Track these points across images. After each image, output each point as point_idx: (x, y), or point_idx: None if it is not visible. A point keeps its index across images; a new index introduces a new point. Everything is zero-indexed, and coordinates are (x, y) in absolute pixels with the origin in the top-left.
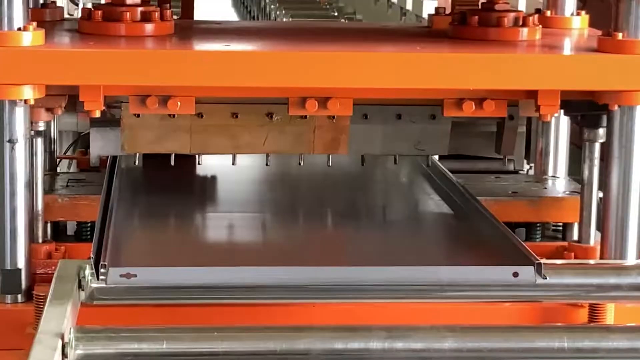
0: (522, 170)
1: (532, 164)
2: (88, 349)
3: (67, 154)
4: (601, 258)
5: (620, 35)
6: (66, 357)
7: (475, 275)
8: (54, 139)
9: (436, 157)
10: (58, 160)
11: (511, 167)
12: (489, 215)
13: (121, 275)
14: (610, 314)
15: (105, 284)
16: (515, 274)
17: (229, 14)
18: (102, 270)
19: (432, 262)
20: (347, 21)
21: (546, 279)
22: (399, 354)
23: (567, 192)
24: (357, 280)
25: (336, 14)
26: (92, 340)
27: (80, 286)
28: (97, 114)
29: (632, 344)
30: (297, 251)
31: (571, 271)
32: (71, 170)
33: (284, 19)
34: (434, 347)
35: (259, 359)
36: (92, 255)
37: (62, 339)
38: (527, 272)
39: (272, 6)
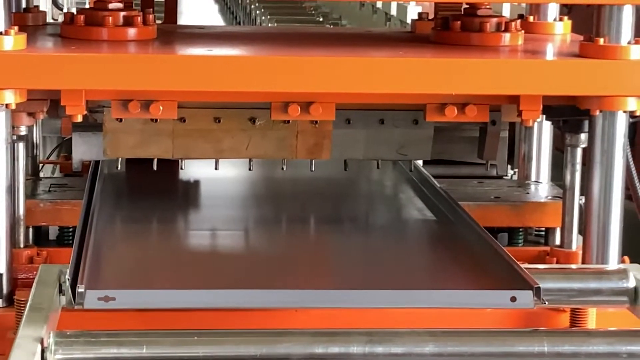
0: (507, 175)
1: (517, 169)
2: (67, 353)
3: (50, 158)
4: (583, 263)
5: (601, 41)
6: None
7: (470, 299)
8: (36, 143)
9: (420, 162)
10: (41, 165)
11: (494, 172)
12: (478, 227)
13: (99, 299)
14: (591, 319)
15: (83, 307)
16: (513, 299)
17: (215, 19)
18: (79, 298)
19: (423, 282)
20: (332, 26)
21: (546, 304)
22: (379, 359)
23: (550, 197)
24: (345, 305)
25: (321, 19)
26: (72, 344)
27: (61, 291)
28: (79, 119)
29: (612, 349)
30: (282, 270)
31: (553, 276)
32: (55, 175)
33: (269, 25)
34: (414, 351)
35: None
36: (68, 277)
37: (42, 343)
38: (524, 297)
39: (257, 12)
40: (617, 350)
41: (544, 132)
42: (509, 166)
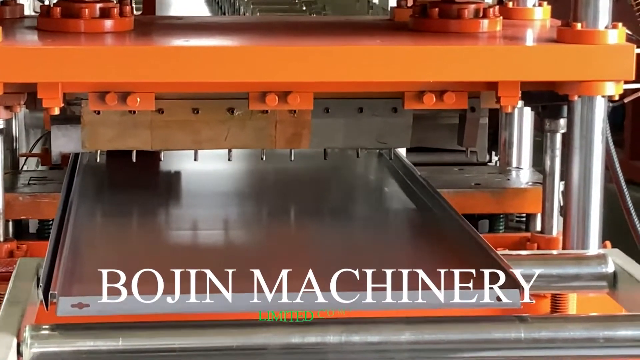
0: (491, 162)
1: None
2: (43, 347)
3: (32, 151)
4: (563, 248)
5: (579, 26)
6: (21, 355)
7: (454, 299)
8: (15, 136)
9: (403, 151)
10: (23, 158)
11: (474, 159)
12: (459, 218)
13: (72, 306)
14: (572, 304)
15: (56, 314)
16: (499, 299)
17: (201, 10)
18: (51, 302)
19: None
20: (314, 15)
21: (533, 302)
22: (355, 347)
23: (530, 183)
24: (328, 307)
25: (304, 8)
26: (48, 338)
27: (38, 284)
28: (56, 111)
29: (588, 334)
30: (265, 269)
31: (533, 262)
32: (38, 168)
33: (252, 14)
34: (391, 339)
35: (215, 354)
36: (41, 285)
37: (18, 337)
38: (510, 296)
39: (240, 0)
40: (594, 335)
41: (524, 118)
42: (493, 152)
